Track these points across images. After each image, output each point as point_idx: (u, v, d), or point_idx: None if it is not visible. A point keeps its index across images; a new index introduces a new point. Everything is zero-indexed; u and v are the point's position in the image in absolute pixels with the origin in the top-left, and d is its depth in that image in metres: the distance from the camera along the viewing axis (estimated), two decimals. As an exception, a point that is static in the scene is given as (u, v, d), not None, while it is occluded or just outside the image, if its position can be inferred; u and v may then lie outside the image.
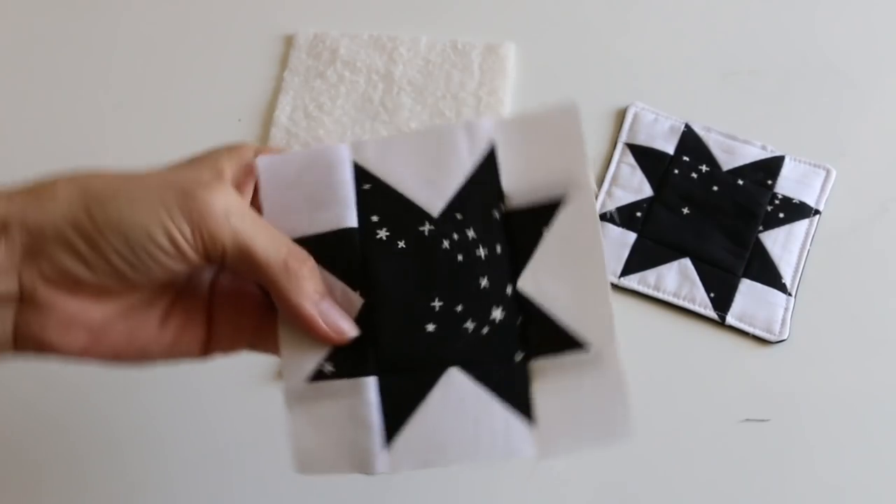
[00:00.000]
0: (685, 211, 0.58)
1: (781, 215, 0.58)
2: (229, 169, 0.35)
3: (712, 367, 0.54)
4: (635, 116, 0.62)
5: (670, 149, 0.60)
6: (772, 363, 0.54)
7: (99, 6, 0.69)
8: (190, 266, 0.33)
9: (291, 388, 0.35)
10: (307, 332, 0.34)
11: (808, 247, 0.57)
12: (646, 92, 0.63)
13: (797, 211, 0.58)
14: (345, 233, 0.36)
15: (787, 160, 0.60)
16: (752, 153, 0.60)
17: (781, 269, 0.56)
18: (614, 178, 0.60)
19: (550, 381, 0.35)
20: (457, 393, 0.35)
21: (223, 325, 0.37)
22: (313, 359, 0.35)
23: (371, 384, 0.35)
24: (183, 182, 0.33)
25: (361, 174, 0.37)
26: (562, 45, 0.66)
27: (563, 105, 0.37)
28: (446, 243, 0.36)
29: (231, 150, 0.36)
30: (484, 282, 0.35)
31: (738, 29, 0.66)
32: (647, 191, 0.59)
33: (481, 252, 0.36)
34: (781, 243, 0.57)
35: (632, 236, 0.57)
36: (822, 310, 0.56)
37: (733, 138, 0.60)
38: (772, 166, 0.59)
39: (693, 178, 0.59)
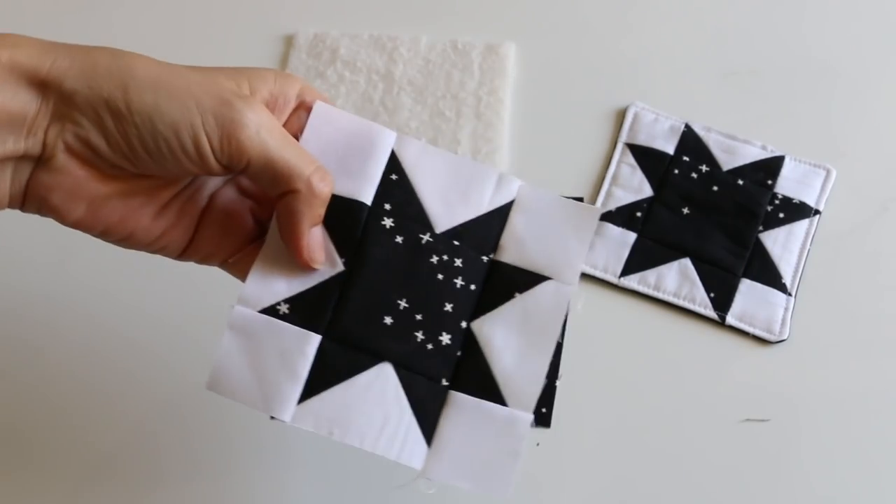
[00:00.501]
0: (685, 211, 0.58)
1: (781, 215, 0.58)
2: (267, 90, 0.36)
3: (712, 367, 0.54)
4: (635, 116, 0.62)
5: (670, 149, 0.60)
6: (772, 363, 0.54)
7: (97, 4, 0.69)
8: (206, 171, 0.34)
9: (241, 312, 0.37)
10: (289, 244, 0.36)
11: (808, 247, 0.57)
12: (646, 92, 0.63)
13: (797, 211, 0.58)
14: (357, 205, 0.38)
15: (787, 160, 0.60)
16: (752, 153, 0.60)
17: (781, 269, 0.56)
18: (614, 178, 0.60)
19: (460, 415, 0.38)
20: (382, 386, 0.37)
21: (208, 237, 0.38)
22: (275, 294, 0.37)
23: (315, 341, 0.37)
24: (222, 90, 0.34)
25: (394, 164, 0.39)
26: (562, 45, 0.66)
27: (588, 206, 0.40)
28: (435, 259, 0.38)
29: (276, 74, 0.37)
30: (448, 307, 0.38)
31: (738, 29, 0.66)
32: (647, 191, 0.59)
33: (458, 282, 0.39)
34: (781, 243, 0.57)
35: (632, 236, 0.57)
36: (822, 310, 0.56)
37: (733, 138, 0.60)
38: (772, 166, 0.59)
39: (693, 178, 0.59)
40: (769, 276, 0.56)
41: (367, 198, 0.38)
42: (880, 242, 0.58)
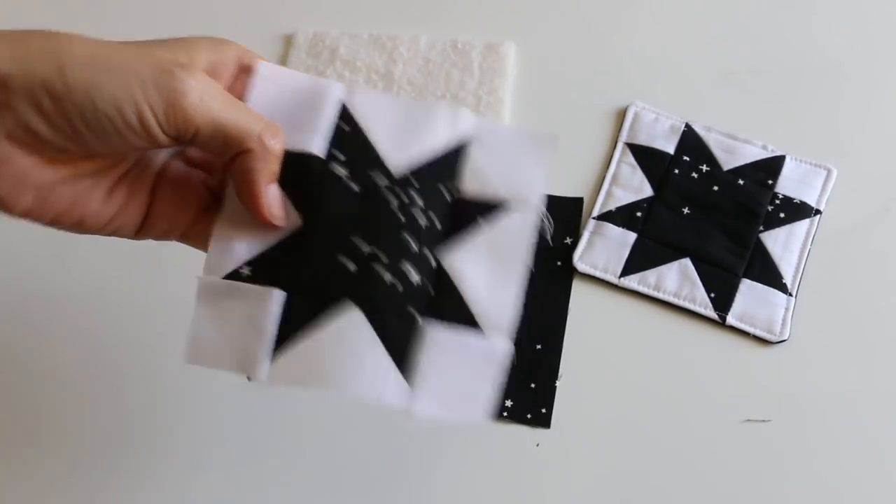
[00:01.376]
0: (685, 211, 0.58)
1: (782, 215, 0.58)
2: (205, 58, 0.36)
3: (713, 368, 0.54)
4: (635, 116, 0.62)
5: (671, 148, 0.60)
6: (772, 363, 0.54)
7: (94, 3, 0.69)
8: (152, 145, 0.34)
9: (207, 281, 0.37)
10: (248, 205, 0.36)
11: (808, 247, 0.57)
12: (646, 91, 0.63)
13: (798, 211, 0.58)
14: (309, 158, 0.38)
15: (787, 160, 0.59)
16: (752, 153, 0.60)
17: (782, 269, 0.56)
18: (614, 178, 0.60)
19: (438, 350, 0.38)
20: (352, 331, 0.37)
21: (162, 212, 0.38)
22: (236, 259, 0.38)
23: (278, 297, 0.37)
24: (160, 61, 0.33)
25: (345, 115, 0.39)
26: (562, 44, 0.65)
27: (544, 132, 0.41)
28: (395, 202, 0.38)
29: (211, 41, 0.36)
30: (414, 246, 0.38)
31: (738, 28, 0.66)
32: (647, 191, 0.59)
33: (422, 221, 0.39)
34: (782, 243, 0.57)
35: (632, 236, 0.57)
36: (822, 310, 0.55)
37: (734, 138, 0.60)
38: (772, 166, 0.59)
39: (693, 177, 0.59)
40: (770, 276, 0.56)
41: (320, 150, 0.38)
42: (881, 242, 0.58)
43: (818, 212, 0.58)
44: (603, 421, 0.53)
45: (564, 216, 0.58)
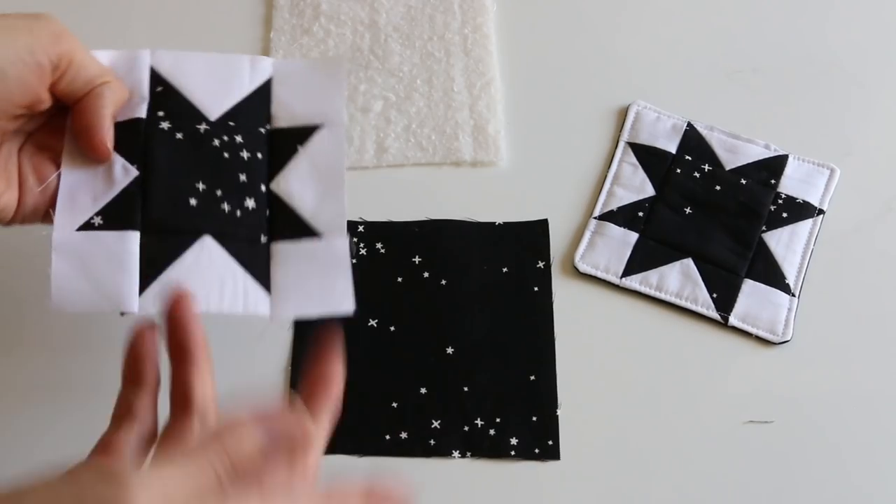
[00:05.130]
0: (687, 210, 0.58)
1: (785, 215, 0.57)
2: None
3: (715, 369, 0.54)
4: (637, 115, 0.61)
5: (672, 148, 0.60)
6: (775, 364, 0.54)
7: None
8: (39, 85, 0.40)
9: (60, 235, 0.42)
10: (89, 132, 0.42)
11: (811, 247, 0.57)
12: (648, 90, 0.62)
13: (801, 210, 0.58)
14: (135, 122, 0.44)
15: (790, 159, 0.59)
16: (755, 152, 0.59)
17: (785, 269, 0.56)
18: (616, 178, 0.59)
19: (286, 261, 0.44)
20: (208, 256, 0.42)
21: (30, 190, 0.43)
22: (85, 212, 0.42)
23: (134, 237, 0.42)
24: (30, 16, 0.41)
25: (156, 78, 0.45)
26: (562, 43, 0.65)
27: (333, 59, 0.50)
28: (217, 142, 0.44)
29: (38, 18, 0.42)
30: (243, 177, 0.44)
31: (741, 27, 0.65)
32: (648, 190, 0.58)
33: (245, 155, 0.45)
34: (785, 243, 0.57)
35: (633, 236, 0.57)
36: (825, 310, 0.55)
37: (736, 137, 0.60)
38: (775, 165, 0.59)
39: (696, 177, 0.59)
40: (772, 276, 0.56)
41: (142, 113, 0.44)
42: (885, 242, 0.57)
43: (821, 211, 0.58)
44: (604, 422, 0.52)
45: (532, 240, 0.57)
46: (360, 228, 0.57)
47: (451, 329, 0.54)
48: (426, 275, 0.56)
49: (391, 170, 0.60)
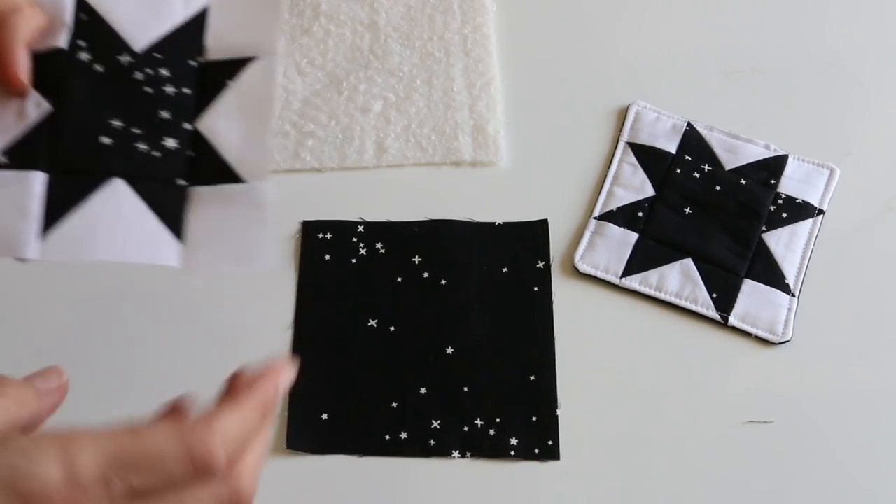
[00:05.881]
0: (687, 211, 0.58)
1: (785, 215, 0.57)
2: None
3: (715, 369, 0.54)
4: (637, 115, 0.61)
5: (672, 148, 0.60)
6: (775, 364, 0.54)
7: None
8: None
9: None
10: (4, 63, 0.39)
11: (811, 247, 0.57)
12: (647, 90, 0.62)
13: (801, 210, 0.58)
14: (54, 52, 0.41)
15: (790, 159, 0.59)
16: (755, 152, 0.59)
17: (785, 269, 0.56)
18: (616, 178, 0.59)
19: (204, 206, 0.41)
20: (117, 200, 0.39)
21: None
22: None
23: (38, 177, 0.39)
24: None
25: (81, 5, 0.42)
26: (563, 43, 0.65)
27: None
28: (140, 75, 0.41)
29: None
30: (165, 114, 0.41)
31: (741, 27, 0.65)
32: (648, 190, 0.58)
33: (170, 90, 0.42)
34: (785, 243, 0.57)
35: (633, 236, 0.57)
36: (825, 310, 0.55)
37: (736, 137, 0.60)
38: (775, 165, 0.59)
39: (695, 177, 0.59)
40: (772, 276, 0.56)
41: (63, 42, 0.41)
42: (884, 242, 0.57)
43: (821, 211, 0.58)
44: (604, 422, 0.52)
45: (532, 240, 0.57)
46: (360, 228, 0.57)
47: (450, 329, 0.54)
48: (426, 275, 0.56)
49: (391, 170, 0.60)
